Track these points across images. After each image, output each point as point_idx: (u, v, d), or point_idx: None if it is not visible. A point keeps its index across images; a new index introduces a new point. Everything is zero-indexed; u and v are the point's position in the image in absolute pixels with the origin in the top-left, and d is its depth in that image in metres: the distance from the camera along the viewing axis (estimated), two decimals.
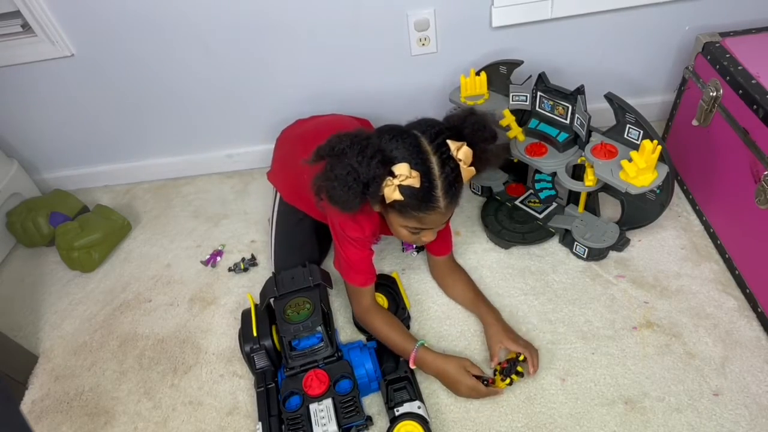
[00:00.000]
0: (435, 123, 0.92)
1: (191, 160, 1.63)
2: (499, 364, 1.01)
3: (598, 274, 1.17)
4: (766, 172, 0.95)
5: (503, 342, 1.02)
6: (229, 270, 1.34)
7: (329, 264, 1.30)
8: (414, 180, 0.85)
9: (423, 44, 1.33)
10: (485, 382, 0.98)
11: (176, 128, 1.54)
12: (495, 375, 1.01)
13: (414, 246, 1.29)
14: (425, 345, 1.03)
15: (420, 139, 0.88)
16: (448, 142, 0.88)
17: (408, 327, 1.13)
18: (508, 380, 0.99)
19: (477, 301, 1.12)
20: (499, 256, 1.25)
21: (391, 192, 0.87)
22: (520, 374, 0.99)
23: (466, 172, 0.90)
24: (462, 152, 0.88)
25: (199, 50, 1.33)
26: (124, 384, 1.15)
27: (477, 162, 0.92)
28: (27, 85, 1.41)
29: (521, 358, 1.00)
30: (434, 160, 0.87)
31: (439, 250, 1.15)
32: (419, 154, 0.87)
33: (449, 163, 0.87)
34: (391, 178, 0.86)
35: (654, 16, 1.28)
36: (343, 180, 0.85)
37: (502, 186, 1.36)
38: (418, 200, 0.88)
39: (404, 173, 0.85)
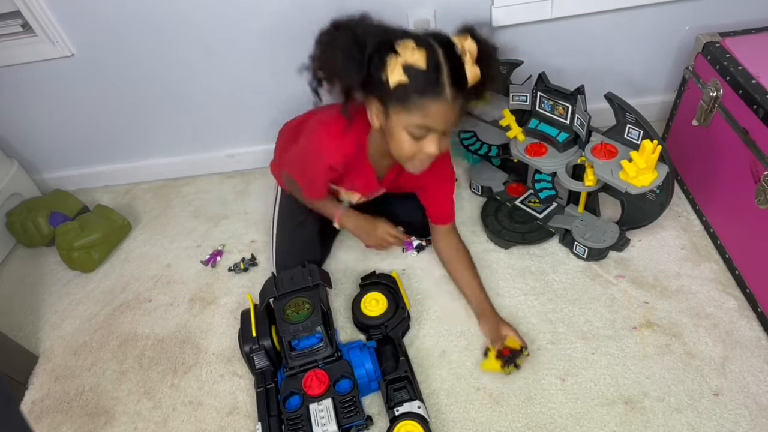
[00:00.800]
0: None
1: (191, 160, 1.63)
2: (499, 350, 1.03)
3: (598, 274, 1.17)
4: (766, 172, 0.95)
5: (507, 330, 1.05)
6: (229, 270, 1.34)
7: (330, 264, 1.30)
8: (419, 58, 0.81)
9: None
10: (486, 353, 1.04)
11: (176, 128, 1.54)
12: (488, 353, 1.04)
13: (413, 246, 1.29)
14: (349, 208, 1.17)
15: (428, 29, 0.88)
16: (452, 37, 0.85)
17: (408, 327, 1.13)
18: (511, 367, 1.01)
19: (480, 293, 1.13)
20: (499, 256, 1.25)
21: (395, 72, 0.81)
22: (518, 366, 1.01)
23: (472, 70, 0.85)
24: (468, 44, 0.84)
25: (199, 50, 1.33)
26: (124, 384, 1.15)
27: (482, 71, 0.86)
28: (27, 85, 1.41)
29: (526, 353, 1.03)
30: (437, 46, 0.83)
31: (440, 216, 1.16)
32: (423, 36, 0.84)
33: (454, 54, 0.84)
34: (394, 55, 0.82)
35: (654, 16, 1.28)
36: (345, 48, 0.83)
37: (502, 186, 1.36)
38: (423, 82, 0.83)
39: (409, 49, 0.81)
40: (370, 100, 0.90)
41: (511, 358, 1.01)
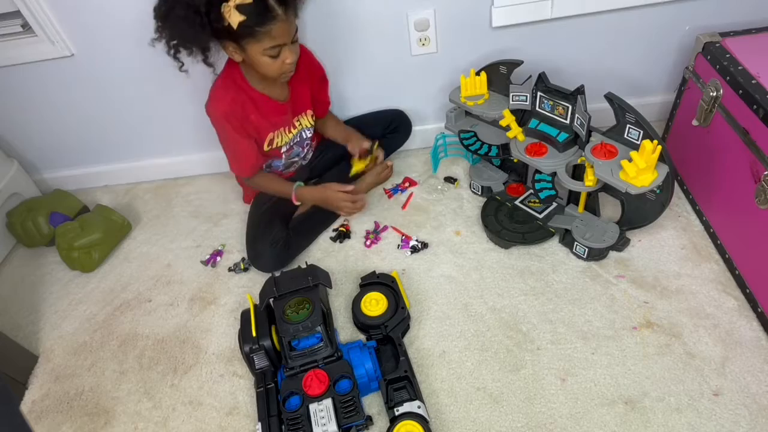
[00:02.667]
0: None
1: (191, 160, 1.63)
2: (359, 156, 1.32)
3: (598, 274, 1.17)
4: (766, 172, 0.95)
5: (359, 140, 1.35)
6: (229, 270, 1.34)
7: (331, 264, 1.30)
8: None
9: (423, 44, 1.33)
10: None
11: (176, 128, 1.54)
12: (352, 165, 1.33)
13: (410, 244, 1.29)
14: (301, 185, 1.31)
15: None
16: None
17: (408, 327, 1.13)
18: (370, 157, 1.32)
19: (344, 128, 1.40)
20: (499, 256, 1.25)
21: (232, 15, 0.96)
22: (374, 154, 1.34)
23: None
24: None
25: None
26: (124, 384, 1.15)
27: None
28: (27, 85, 1.41)
29: (375, 145, 1.34)
30: None
31: (324, 109, 1.37)
32: None
33: None
34: (226, 2, 0.95)
35: (654, 16, 1.28)
36: (183, 16, 0.96)
37: (502, 186, 1.36)
38: (257, 14, 0.98)
39: None
40: (224, 44, 1.06)
41: (368, 151, 1.31)
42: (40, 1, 1.22)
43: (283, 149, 1.30)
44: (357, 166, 1.33)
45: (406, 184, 1.47)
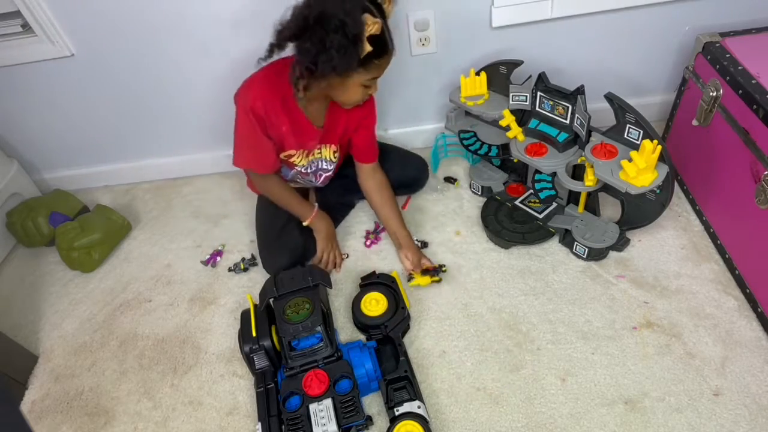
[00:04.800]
0: None
1: (191, 160, 1.63)
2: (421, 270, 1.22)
3: (598, 274, 1.17)
4: (766, 172, 0.95)
5: (423, 256, 1.24)
6: (229, 270, 1.34)
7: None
8: (378, 27, 0.93)
9: (423, 44, 1.33)
10: (409, 279, 1.23)
11: (176, 128, 1.54)
12: (412, 276, 1.23)
13: None
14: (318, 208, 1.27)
15: None
16: None
17: (408, 327, 1.13)
18: (437, 277, 1.20)
19: (401, 225, 1.26)
20: (499, 256, 1.25)
21: (366, 45, 0.94)
22: (440, 276, 1.21)
23: (389, 11, 1.00)
24: None
25: (199, 50, 1.33)
26: (124, 384, 1.15)
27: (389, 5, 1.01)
28: (27, 85, 1.41)
29: (444, 269, 1.23)
30: (375, 8, 0.95)
31: (367, 154, 1.26)
32: (368, 5, 0.94)
33: (380, 7, 0.98)
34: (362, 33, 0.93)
35: (654, 16, 1.28)
36: (339, 43, 0.92)
37: (502, 186, 1.36)
38: (380, 46, 0.97)
39: (372, 23, 0.92)
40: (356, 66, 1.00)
41: (436, 270, 1.21)
42: (40, 1, 1.22)
43: (298, 168, 1.22)
44: (421, 281, 1.21)
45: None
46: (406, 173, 1.38)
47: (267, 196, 1.28)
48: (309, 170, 1.24)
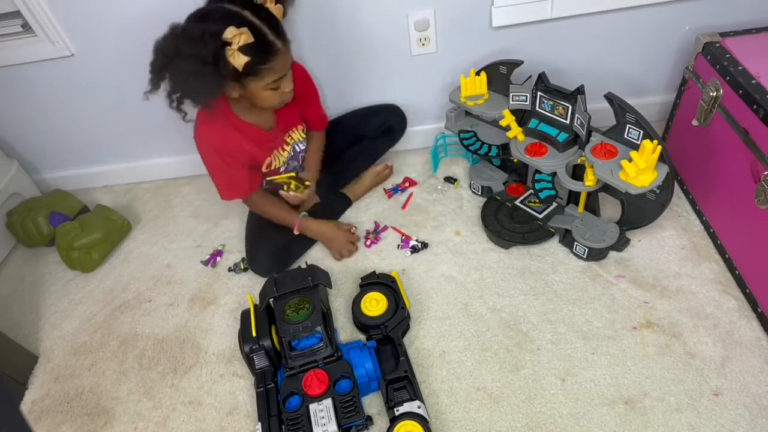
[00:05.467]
0: None
1: (191, 160, 1.62)
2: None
3: (598, 274, 1.17)
4: (766, 172, 0.95)
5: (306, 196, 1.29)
6: (229, 270, 1.34)
7: (330, 264, 1.30)
8: (246, 36, 0.93)
9: (423, 44, 1.33)
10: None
11: (176, 128, 1.53)
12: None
13: (410, 244, 1.29)
14: (306, 215, 1.29)
15: (223, 5, 0.96)
16: None
17: (408, 327, 1.13)
18: (294, 184, 1.21)
19: (312, 167, 1.34)
20: (499, 256, 1.25)
21: (237, 58, 0.94)
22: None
23: (275, 8, 0.99)
24: None
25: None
26: (124, 384, 1.15)
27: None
28: (27, 85, 1.41)
29: (306, 184, 1.24)
30: (248, 14, 0.95)
31: (319, 125, 1.35)
32: (233, 15, 0.94)
33: (260, 10, 0.97)
34: (229, 47, 0.93)
35: (654, 16, 1.28)
36: (195, 70, 0.93)
37: (502, 186, 1.36)
38: (261, 52, 0.97)
39: (235, 34, 0.92)
40: (225, 85, 1.02)
41: (302, 181, 1.22)
42: (40, 1, 1.22)
43: (282, 169, 1.30)
44: (281, 178, 1.22)
45: (406, 184, 1.47)
46: (380, 119, 1.43)
47: (256, 211, 1.33)
48: (290, 158, 1.30)
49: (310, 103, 1.30)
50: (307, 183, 1.24)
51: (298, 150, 1.32)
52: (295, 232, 1.28)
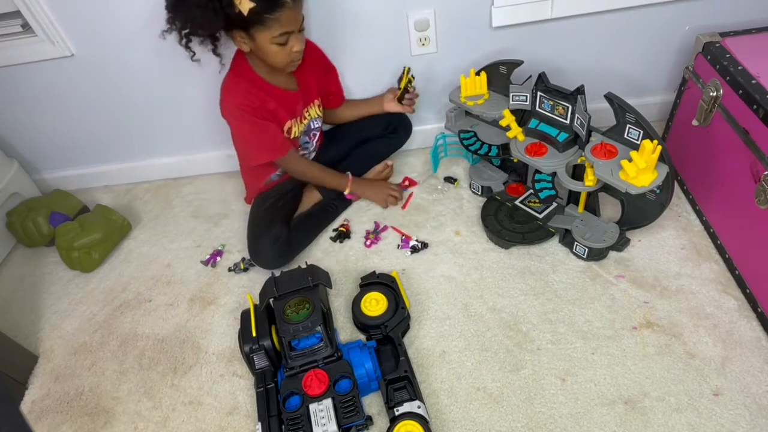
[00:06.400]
0: None
1: (191, 160, 1.63)
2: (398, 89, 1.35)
3: (598, 274, 1.17)
4: (766, 172, 0.95)
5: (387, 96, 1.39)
6: (229, 270, 1.34)
7: (331, 264, 1.30)
8: None
9: (423, 44, 1.33)
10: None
11: (176, 128, 1.54)
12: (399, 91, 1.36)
13: (410, 244, 1.29)
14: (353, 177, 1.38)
15: None
16: None
17: (408, 327, 1.13)
18: (404, 82, 1.32)
19: (362, 105, 1.42)
20: (499, 256, 1.25)
21: (243, 2, 0.98)
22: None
23: None
24: None
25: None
26: (124, 384, 1.15)
27: None
28: (27, 85, 1.41)
29: (406, 71, 1.33)
30: None
31: (337, 99, 1.40)
32: None
33: None
34: None
35: (654, 16, 1.28)
36: (197, 3, 0.98)
37: (502, 186, 1.36)
38: (267, 1, 1.00)
39: None
40: (232, 34, 1.08)
41: (401, 79, 1.33)
42: (40, 1, 1.22)
43: (300, 140, 1.32)
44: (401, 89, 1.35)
45: (406, 184, 1.47)
46: (384, 121, 1.45)
47: (303, 178, 1.38)
48: (303, 132, 1.32)
49: (329, 74, 1.34)
50: (407, 75, 1.34)
51: (313, 127, 1.34)
52: (346, 192, 1.37)
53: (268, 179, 1.37)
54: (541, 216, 1.26)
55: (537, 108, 1.19)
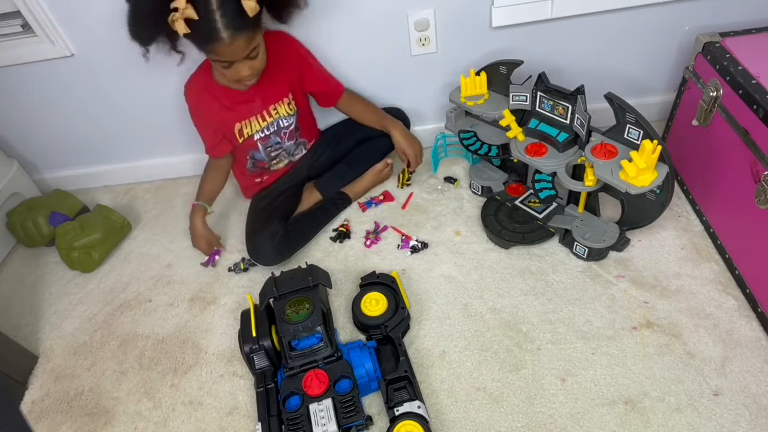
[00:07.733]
0: None
1: (191, 160, 1.63)
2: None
3: (598, 274, 1.17)
4: (766, 172, 0.95)
5: (419, 147, 1.38)
6: (229, 270, 1.34)
7: (331, 264, 1.30)
8: (190, 11, 0.95)
9: (423, 44, 1.33)
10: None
11: (176, 128, 1.54)
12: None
13: (410, 244, 1.29)
14: (210, 211, 1.36)
15: None
16: None
17: (408, 327, 1.13)
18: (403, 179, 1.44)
19: (382, 118, 1.37)
20: (499, 256, 1.25)
21: (179, 26, 0.97)
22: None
23: (248, 4, 0.97)
24: None
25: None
26: (124, 384, 1.15)
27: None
28: (27, 85, 1.41)
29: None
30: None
31: (332, 93, 1.35)
32: None
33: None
34: (175, 12, 0.96)
35: (654, 16, 1.28)
36: (138, 8, 1.00)
37: (502, 186, 1.36)
38: (201, 32, 0.99)
39: (181, 5, 0.94)
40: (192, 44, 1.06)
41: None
42: (40, 1, 1.22)
43: (256, 137, 1.29)
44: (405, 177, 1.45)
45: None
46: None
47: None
48: (269, 131, 1.29)
49: (305, 71, 1.28)
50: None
51: (282, 126, 1.30)
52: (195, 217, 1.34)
53: (248, 170, 1.39)
54: (541, 216, 1.26)
55: (537, 108, 1.19)
